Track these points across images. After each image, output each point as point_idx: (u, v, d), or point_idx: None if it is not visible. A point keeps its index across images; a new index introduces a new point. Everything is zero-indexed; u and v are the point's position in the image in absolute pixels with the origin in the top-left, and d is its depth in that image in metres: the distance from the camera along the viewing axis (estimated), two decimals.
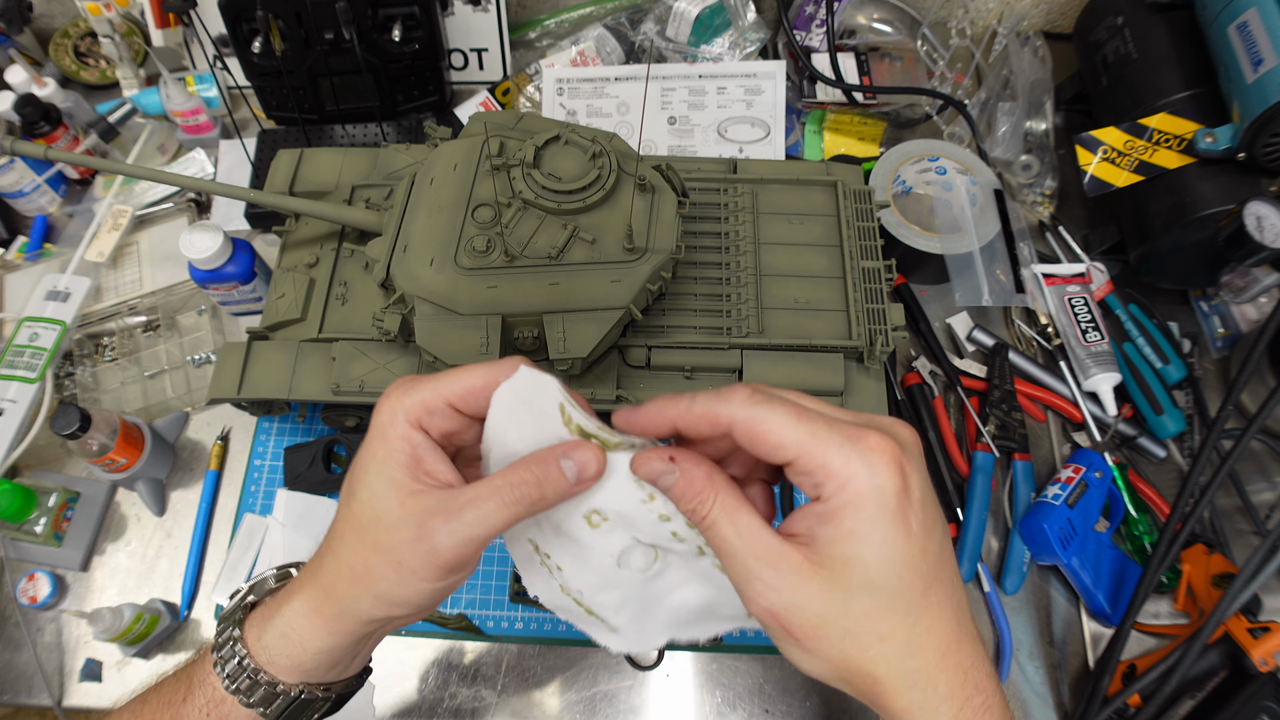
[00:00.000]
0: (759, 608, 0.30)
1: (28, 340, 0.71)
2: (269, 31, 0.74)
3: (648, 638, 0.37)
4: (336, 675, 0.36)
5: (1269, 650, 0.56)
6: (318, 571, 0.34)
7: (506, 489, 0.31)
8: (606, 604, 0.36)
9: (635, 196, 0.56)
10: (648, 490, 0.32)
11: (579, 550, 0.35)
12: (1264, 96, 0.60)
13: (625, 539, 0.34)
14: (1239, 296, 0.68)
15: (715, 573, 0.34)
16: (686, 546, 0.33)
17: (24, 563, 0.67)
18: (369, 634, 0.35)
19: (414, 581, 0.32)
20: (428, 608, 0.34)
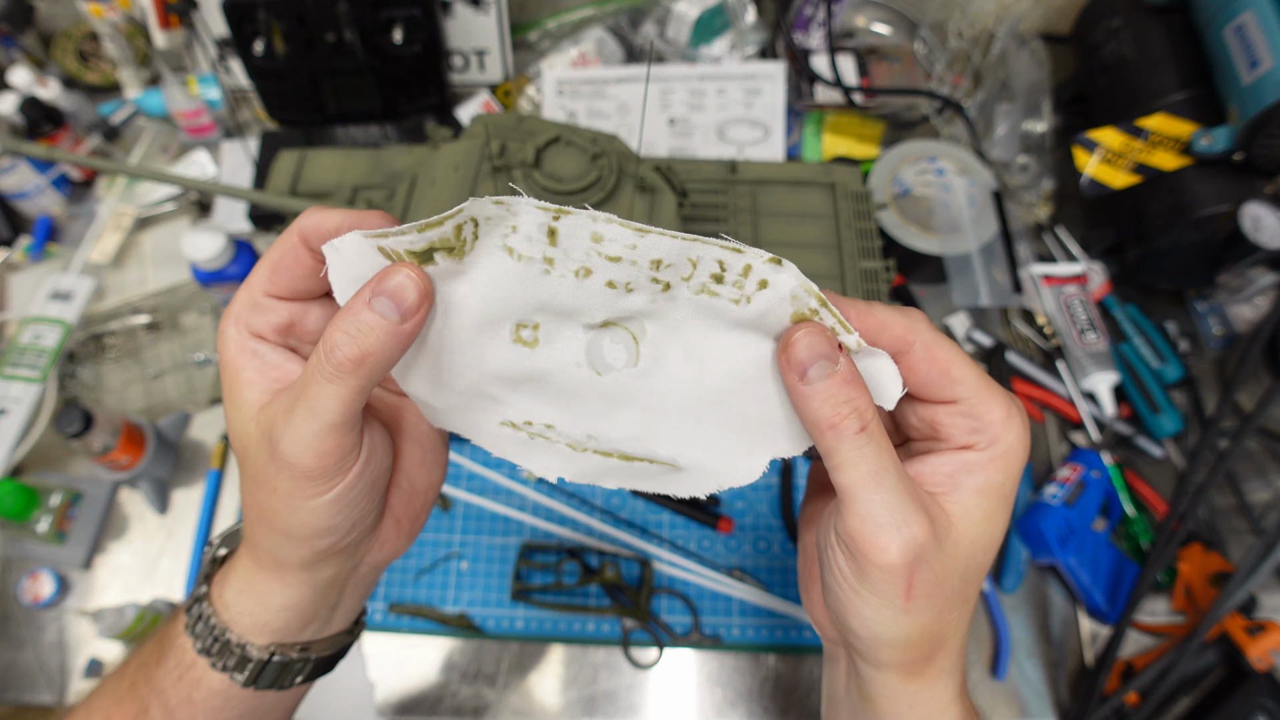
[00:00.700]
0: (890, 553, 0.25)
1: (31, 340, 0.71)
2: (271, 33, 0.75)
3: (726, 462, 0.27)
4: (314, 633, 0.32)
5: (1265, 648, 0.56)
6: (245, 521, 0.31)
7: (322, 364, 0.25)
8: (630, 435, 0.27)
9: (635, 197, 0.57)
10: (540, 251, 0.24)
11: (545, 387, 0.27)
12: (1260, 98, 0.60)
13: (578, 335, 0.26)
14: (1235, 297, 0.69)
15: (708, 300, 0.25)
16: (640, 295, 0.25)
17: (27, 562, 0.68)
18: (327, 580, 0.30)
19: (295, 504, 0.27)
20: (347, 527, 0.28)
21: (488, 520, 0.68)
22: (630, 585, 0.65)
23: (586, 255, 0.24)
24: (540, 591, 0.65)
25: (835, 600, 0.27)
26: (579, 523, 0.68)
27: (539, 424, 0.27)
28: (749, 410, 0.27)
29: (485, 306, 0.25)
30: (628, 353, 0.26)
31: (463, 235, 0.24)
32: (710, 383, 0.26)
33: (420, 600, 0.65)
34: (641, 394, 0.27)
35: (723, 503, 0.69)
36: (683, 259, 0.24)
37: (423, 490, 0.32)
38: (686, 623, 0.65)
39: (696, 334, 0.26)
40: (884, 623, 0.26)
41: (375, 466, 0.28)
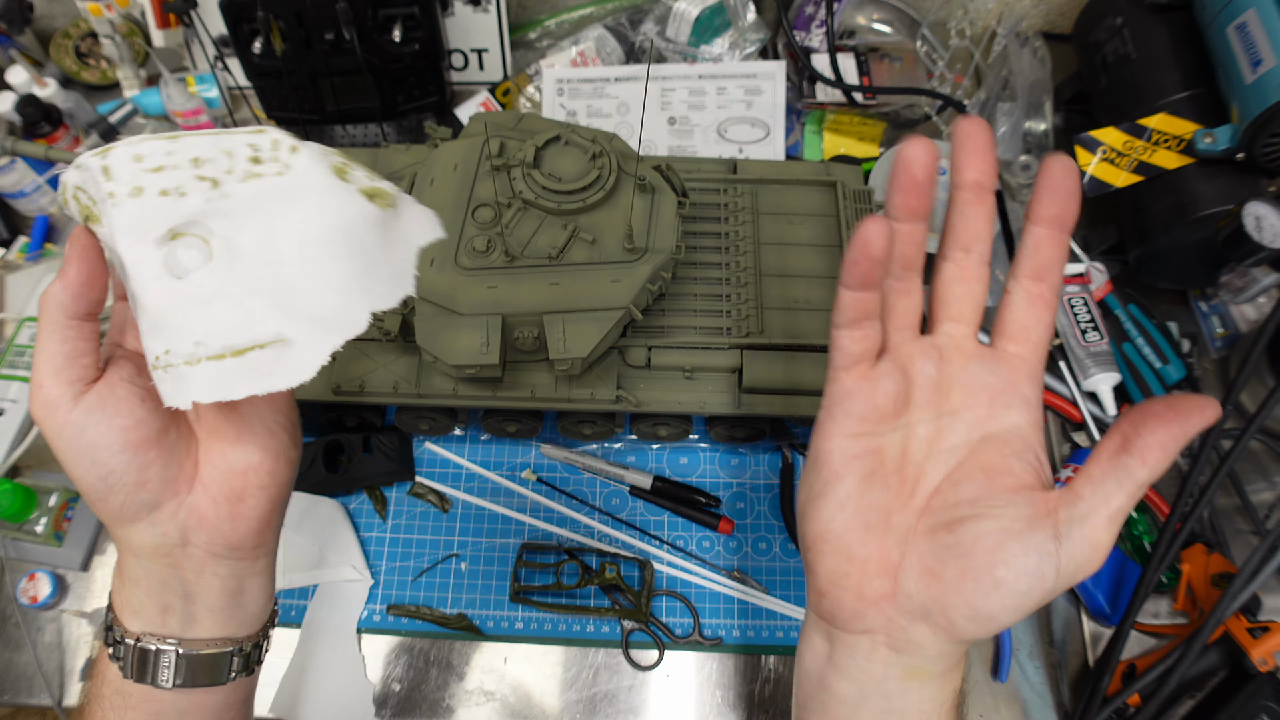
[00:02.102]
0: (1101, 563, 0.28)
1: (29, 340, 0.71)
2: (269, 32, 0.74)
3: (330, 316, 0.29)
4: (180, 627, 0.33)
5: (1268, 650, 0.56)
6: None
7: (39, 316, 0.30)
8: (231, 326, 0.28)
9: (635, 197, 0.57)
10: (105, 189, 0.27)
11: (147, 314, 0.28)
12: (1263, 97, 0.60)
13: (151, 252, 0.27)
14: (1238, 297, 0.69)
15: (255, 183, 0.28)
16: (195, 197, 0.27)
17: (25, 562, 0.67)
18: (149, 549, 0.32)
19: (51, 446, 0.30)
20: (108, 468, 0.30)
21: (486, 521, 0.68)
22: (630, 586, 0.65)
23: (134, 176, 0.27)
24: (539, 592, 0.65)
25: (1002, 595, 0.28)
26: (578, 523, 0.68)
27: (160, 354, 0.28)
28: (331, 267, 0.29)
29: (117, 263, 0.28)
30: (201, 253, 0.28)
31: (83, 201, 0.28)
32: (286, 250, 0.28)
33: (419, 601, 0.65)
34: (226, 284, 0.28)
35: (723, 504, 0.68)
36: (217, 152, 0.27)
37: (241, 470, 0.33)
38: (687, 624, 0.64)
39: (260, 216, 0.28)
40: (1031, 605, 0.28)
41: (113, 417, 0.30)
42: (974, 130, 0.30)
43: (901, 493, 0.31)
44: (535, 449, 0.71)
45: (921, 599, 0.30)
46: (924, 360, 0.32)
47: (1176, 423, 0.26)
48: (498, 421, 0.65)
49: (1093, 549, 0.27)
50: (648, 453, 0.70)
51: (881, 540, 0.31)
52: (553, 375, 0.59)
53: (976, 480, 0.30)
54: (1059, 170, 0.29)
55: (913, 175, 0.30)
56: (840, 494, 0.31)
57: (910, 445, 0.32)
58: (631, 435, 0.70)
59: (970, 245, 0.32)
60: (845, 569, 0.31)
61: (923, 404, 0.32)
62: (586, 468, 0.70)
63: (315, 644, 0.63)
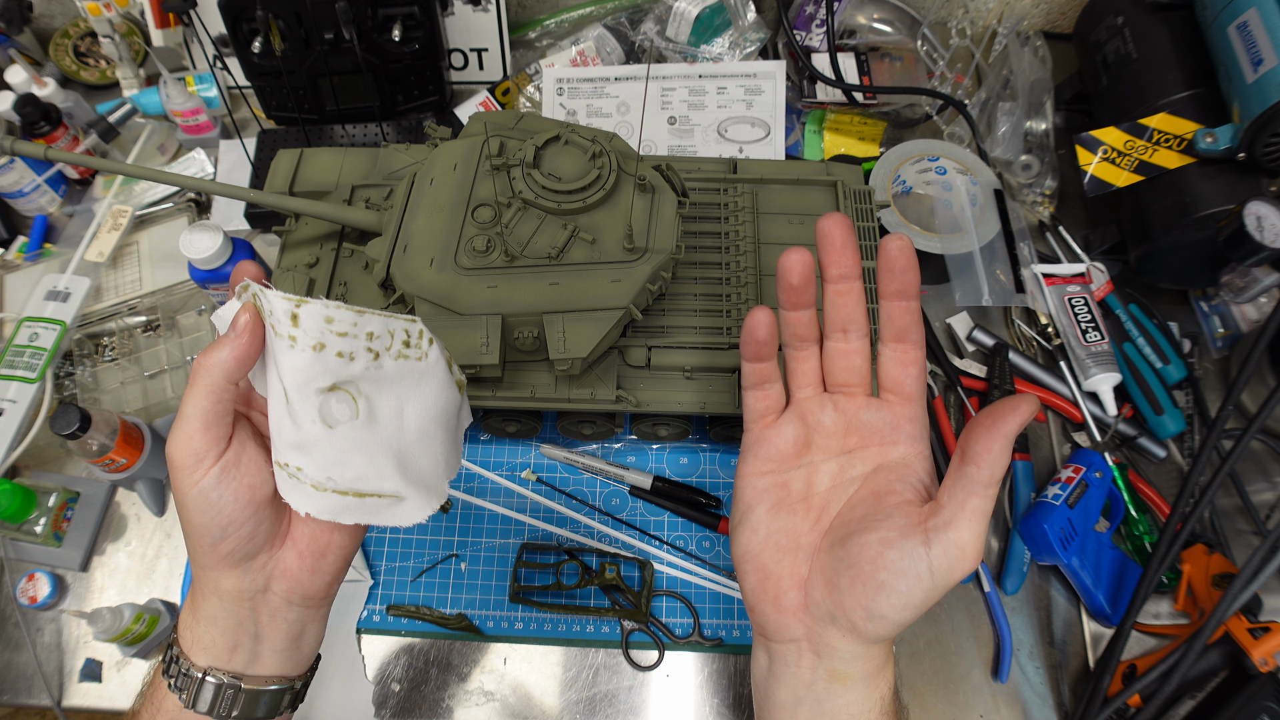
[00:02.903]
0: (974, 562, 0.33)
1: (27, 340, 0.71)
2: (269, 31, 0.74)
3: (431, 485, 0.36)
4: (244, 664, 0.36)
5: (1269, 650, 0.56)
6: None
7: (191, 376, 0.33)
8: (360, 475, 0.34)
9: (635, 196, 0.56)
10: (286, 330, 0.31)
11: (292, 435, 0.33)
12: (1264, 96, 0.60)
13: (312, 399, 0.33)
14: (1239, 296, 0.68)
15: (403, 362, 0.34)
16: (359, 363, 0.33)
17: (24, 563, 0.67)
18: (233, 593, 0.35)
19: (180, 499, 0.33)
20: (222, 525, 0.33)
21: (486, 521, 0.68)
22: (630, 586, 0.65)
23: (320, 333, 0.32)
24: (539, 593, 0.65)
25: (887, 595, 0.33)
26: (578, 523, 0.68)
27: (293, 466, 0.34)
28: (437, 447, 0.36)
29: (273, 370, 0.33)
30: (349, 409, 0.33)
31: (258, 302, 0.32)
32: (411, 426, 0.35)
33: (419, 601, 0.65)
34: (365, 441, 0.34)
35: (723, 504, 0.68)
36: (385, 330, 0.33)
37: (328, 530, 0.37)
38: (687, 624, 0.64)
39: (398, 389, 0.34)
40: (925, 607, 0.33)
41: (241, 478, 0.33)
42: (829, 229, 0.36)
43: (808, 518, 0.38)
44: (535, 449, 0.71)
45: (827, 606, 0.35)
46: (822, 411, 0.38)
47: (995, 427, 0.32)
48: (498, 421, 0.65)
49: (958, 548, 0.33)
50: (648, 453, 0.70)
51: (792, 558, 0.37)
52: (553, 375, 0.59)
53: (868, 502, 0.36)
54: (893, 249, 0.35)
55: (791, 283, 0.36)
56: (753, 521, 0.38)
57: (815, 479, 0.38)
58: (631, 435, 0.70)
59: (846, 327, 0.37)
60: (764, 584, 0.37)
61: (824, 445, 0.38)
62: (586, 468, 0.70)
63: None
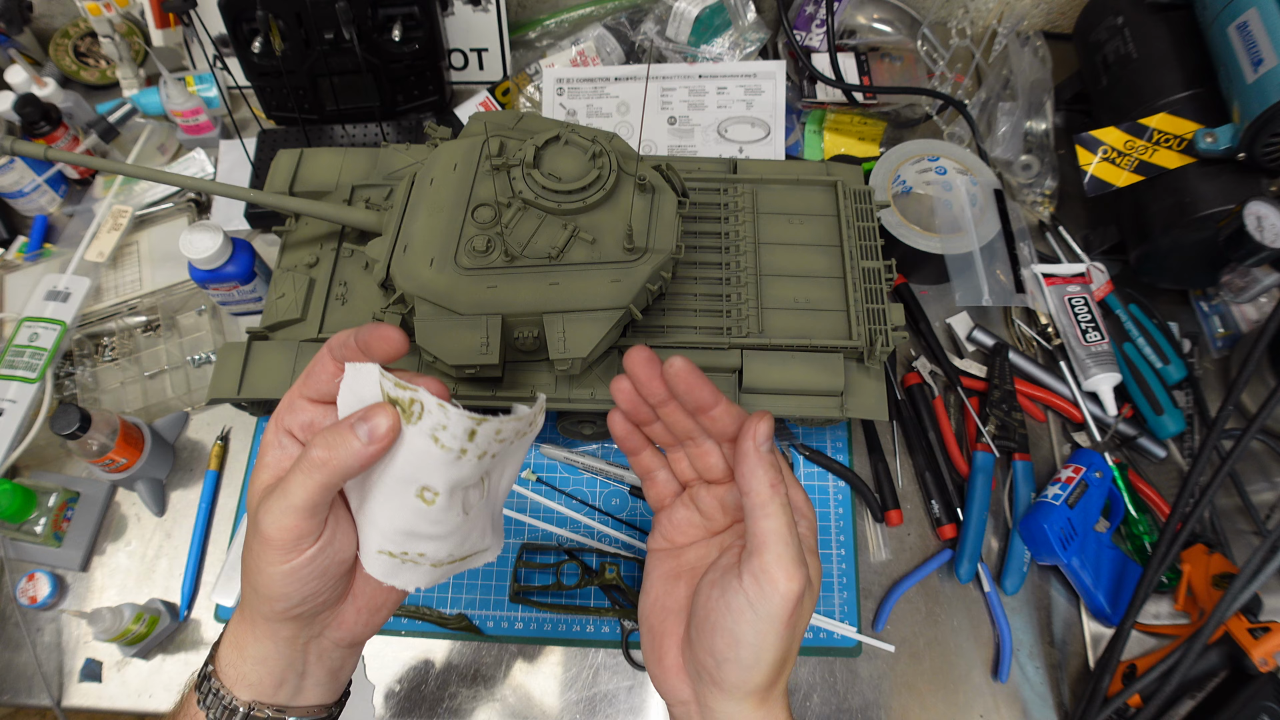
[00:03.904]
0: (793, 583, 0.34)
1: (28, 340, 0.71)
2: (269, 31, 0.74)
3: (501, 528, 0.41)
4: (287, 698, 0.37)
5: (1269, 650, 0.56)
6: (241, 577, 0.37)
7: (301, 460, 0.32)
8: (474, 544, 0.37)
9: (635, 196, 0.56)
10: (458, 445, 0.32)
11: (431, 529, 0.35)
12: (1264, 96, 0.60)
13: (458, 497, 0.34)
14: (1239, 296, 0.68)
15: (525, 440, 0.37)
16: (485, 461, 0.34)
17: (24, 563, 0.67)
18: (288, 638, 0.36)
19: (261, 566, 0.33)
20: (300, 597, 0.34)
21: None
22: (630, 586, 0.65)
23: (489, 444, 0.33)
24: (539, 593, 0.65)
25: (721, 635, 0.35)
26: (578, 523, 0.68)
27: (414, 553, 0.35)
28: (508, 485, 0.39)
29: (402, 467, 0.33)
30: (480, 492, 0.36)
31: (412, 409, 0.32)
32: (503, 486, 0.38)
33: (419, 601, 0.65)
34: (485, 515, 0.37)
35: None
36: (527, 424, 0.35)
37: (386, 589, 0.38)
38: None
39: (506, 461, 0.37)
40: (766, 645, 0.34)
41: (333, 554, 0.34)
42: (633, 366, 0.38)
43: (690, 584, 0.40)
44: (535, 449, 0.71)
45: (693, 663, 0.37)
46: (701, 496, 0.42)
47: (738, 456, 0.35)
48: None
49: (765, 573, 0.34)
50: None
51: (675, 619, 0.40)
52: (553, 375, 0.59)
53: (723, 560, 0.39)
54: (671, 375, 0.37)
55: (625, 409, 0.40)
56: (647, 585, 0.42)
57: (707, 553, 0.41)
58: None
59: (685, 437, 0.40)
60: (651, 643, 0.40)
61: (710, 526, 0.41)
62: (586, 468, 0.70)
63: None
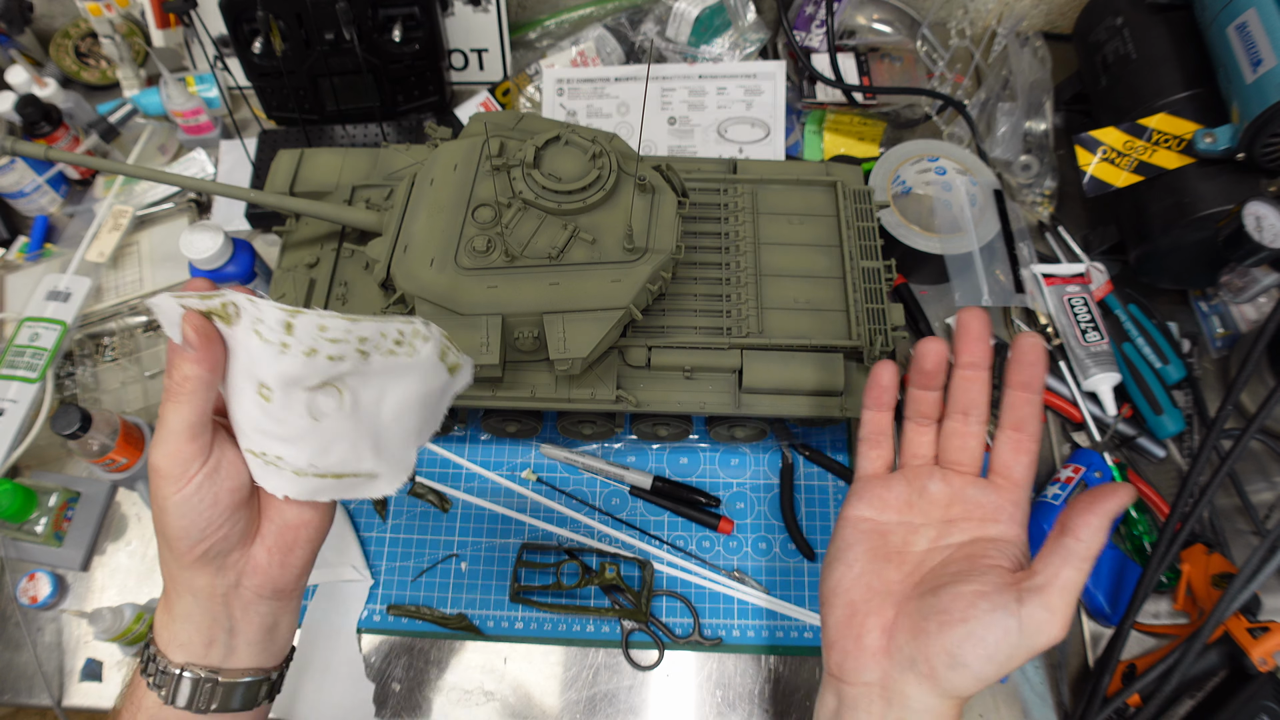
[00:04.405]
0: (1064, 629, 0.35)
1: (28, 340, 0.71)
2: (269, 32, 0.74)
3: (402, 460, 0.39)
4: (220, 658, 0.37)
5: (1268, 650, 0.56)
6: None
7: (167, 389, 0.34)
8: (342, 459, 0.37)
9: (635, 196, 0.57)
10: (278, 338, 0.33)
11: (276, 429, 0.35)
12: (1263, 97, 0.60)
13: (300, 395, 0.35)
14: (1238, 297, 0.68)
15: (391, 359, 0.36)
16: (348, 362, 0.34)
17: (24, 563, 0.67)
18: (206, 589, 0.36)
19: (161, 504, 0.34)
20: (201, 527, 0.34)
21: (486, 521, 0.68)
22: (630, 586, 0.65)
23: (314, 340, 0.33)
24: (539, 592, 0.65)
25: (973, 644, 0.35)
26: (578, 523, 0.68)
27: (272, 455, 0.36)
28: (411, 424, 0.39)
29: (241, 367, 0.34)
30: (335, 401, 0.35)
31: (227, 311, 0.33)
32: (388, 410, 0.37)
33: (419, 601, 0.65)
34: (347, 429, 0.36)
35: (723, 504, 0.68)
36: (377, 334, 0.35)
37: (295, 524, 0.38)
38: (687, 624, 0.64)
39: (380, 380, 0.36)
40: (1009, 667, 0.35)
41: (222, 481, 0.35)
42: (969, 321, 0.39)
43: (902, 569, 0.40)
44: (535, 449, 0.71)
45: (910, 650, 0.37)
46: (931, 479, 0.41)
47: (1096, 505, 0.35)
48: (498, 421, 0.65)
49: (1049, 612, 0.34)
50: (648, 453, 0.70)
51: (881, 601, 0.39)
52: (553, 375, 0.59)
53: (962, 562, 0.38)
54: (1026, 345, 0.39)
55: (924, 367, 0.41)
56: (850, 558, 0.41)
57: (913, 539, 0.41)
58: (631, 435, 0.70)
59: (968, 410, 0.41)
60: (850, 619, 0.39)
61: (927, 511, 0.41)
62: (586, 468, 0.70)
63: (315, 644, 0.63)
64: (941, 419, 0.43)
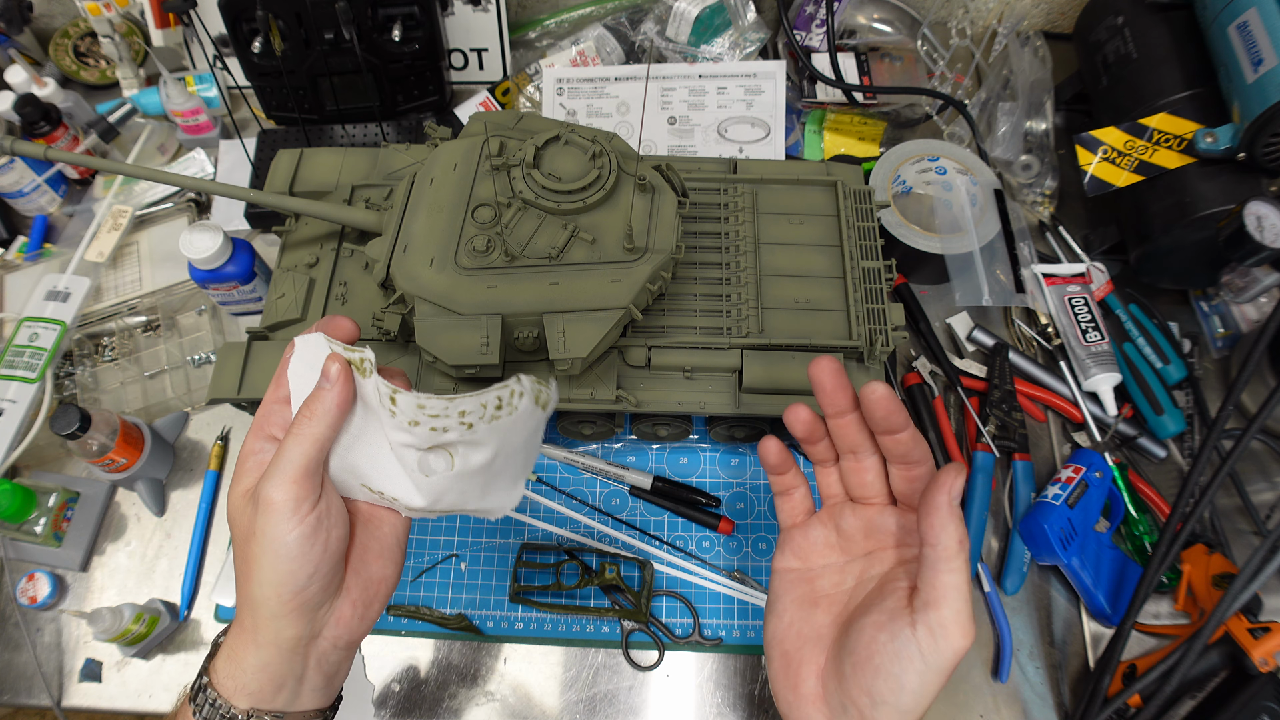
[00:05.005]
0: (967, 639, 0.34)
1: (28, 340, 0.71)
2: (269, 31, 0.74)
3: (510, 494, 0.42)
4: (285, 703, 0.37)
5: (1269, 650, 0.56)
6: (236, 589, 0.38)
7: (292, 426, 0.35)
8: (451, 505, 0.39)
9: (635, 196, 0.56)
10: (387, 406, 0.36)
11: (393, 473, 0.38)
12: (1264, 96, 0.60)
13: (413, 455, 0.37)
14: (1239, 296, 0.68)
15: (500, 423, 0.38)
16: (453, 433, 0.37)
17: (24, 563, 0.67)
18: (290, 641, 0.36)
19: (270, 544, 0.34)
20: (308, 573, 0.35)
21: (486, 521, 0.68)
22: (630, 586, 0.65)
23: (414, 414, 0.35)
24: (539, 592, 0.65)
25: (884, 679, 0.35)
26: (578, 523, 0.68)
27: (389, 495, 0.38)
28: (516, 467, 0.41)
29: (365, 413, 0.37)
30: (446, 463, 0.38)
31: (364, 366, 0.36)
32: (498, 463, 0.39)
33: (419, 601, 0.65)
34: (457, 483, 0.39)
35: (723, 504, 0.68)
36: (477, 406, 0.36)
37: (378, 580, 0.39)
38: (687, 624, 0.64)
39: (491, 442, 0.38)
40: (928, 693, 0.34)
41: (333, 526, 0.36)
42: (819, 378, 0.39)
43: (830, 612, 0.40)
44: None
45: (839, 695, 0.37)
46: (843, 516, 0.41)
47: (931, 505, 0.34)
48: None
49: (942, 626, 0.34)
50: (648, 453, 0.70)
51: (813, 647, 0.39)
52: (553, 375, 0.59)
53: (874, 592, 0.38)
54: (871, 400, 0.37)
55: (799, 434, 0.41)
56: (779, 609, 0.41)
57: (841, 579, 0.41)
58: (631, 435, 0.70)
59: (855, 449, 0.40)
60: (786, 670, 0.40)
61: (848, 548, 0.41)
62: (586, 468, 0.70)
63: None
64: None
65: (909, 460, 0.39)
